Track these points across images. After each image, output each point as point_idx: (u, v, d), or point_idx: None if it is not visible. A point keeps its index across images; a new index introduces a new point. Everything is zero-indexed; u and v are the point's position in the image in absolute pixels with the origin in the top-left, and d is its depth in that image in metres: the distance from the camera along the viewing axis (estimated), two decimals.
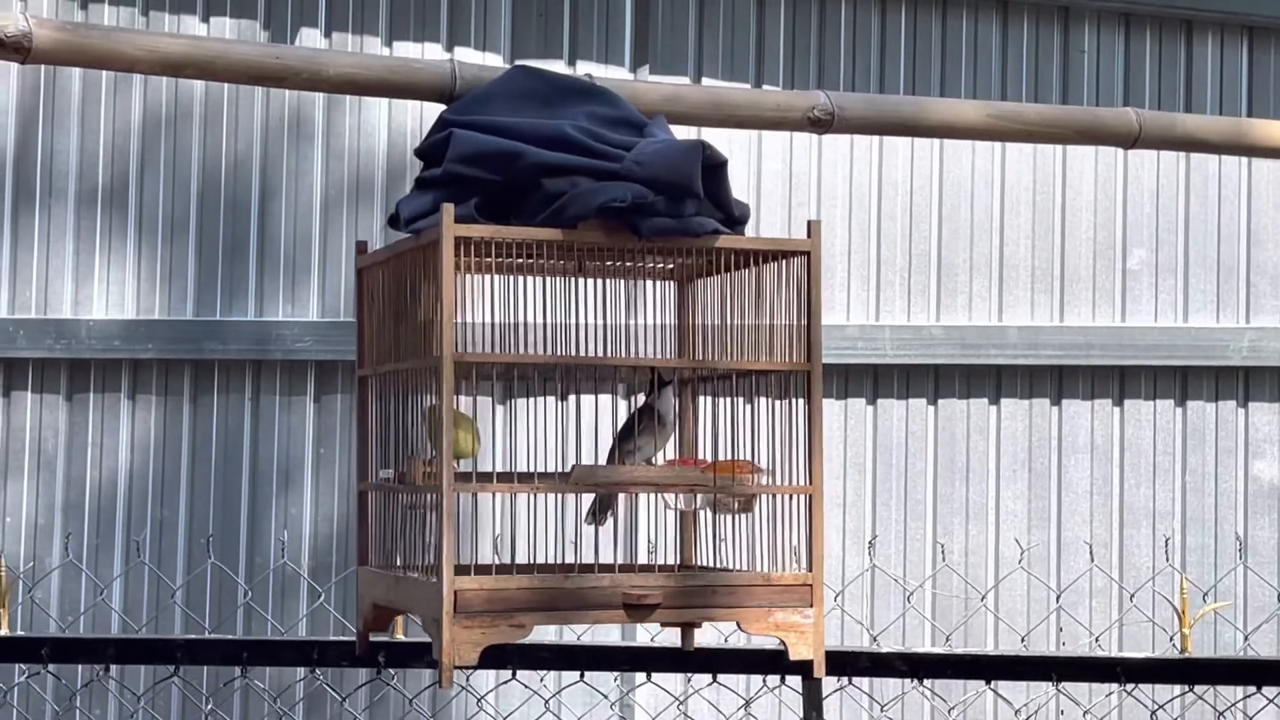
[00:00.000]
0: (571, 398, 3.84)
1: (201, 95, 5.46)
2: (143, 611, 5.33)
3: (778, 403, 3.25)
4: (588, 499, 3.08)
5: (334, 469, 5.38)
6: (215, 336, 5.43)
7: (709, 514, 3.14)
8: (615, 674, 4.41)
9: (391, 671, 3.91)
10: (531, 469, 3.02)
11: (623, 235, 3.01)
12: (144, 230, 5.48)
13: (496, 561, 3.13)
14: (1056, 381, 5.49)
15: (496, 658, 3.79)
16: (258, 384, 5.48)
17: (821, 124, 3.20)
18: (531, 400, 3.26)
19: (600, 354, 3.08)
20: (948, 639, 5.09)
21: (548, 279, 3.18)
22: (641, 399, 3.23)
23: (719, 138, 5.18)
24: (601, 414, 4.47)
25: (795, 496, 3.04)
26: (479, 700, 4.11)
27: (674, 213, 3.04)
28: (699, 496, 3.08)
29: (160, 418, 5.45)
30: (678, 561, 3.27)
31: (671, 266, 3.28)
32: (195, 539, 5.39)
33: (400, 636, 3.86)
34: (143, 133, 5.48)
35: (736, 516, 3.07)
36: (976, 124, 3.33)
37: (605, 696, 4.26)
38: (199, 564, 5.35)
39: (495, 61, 5.47)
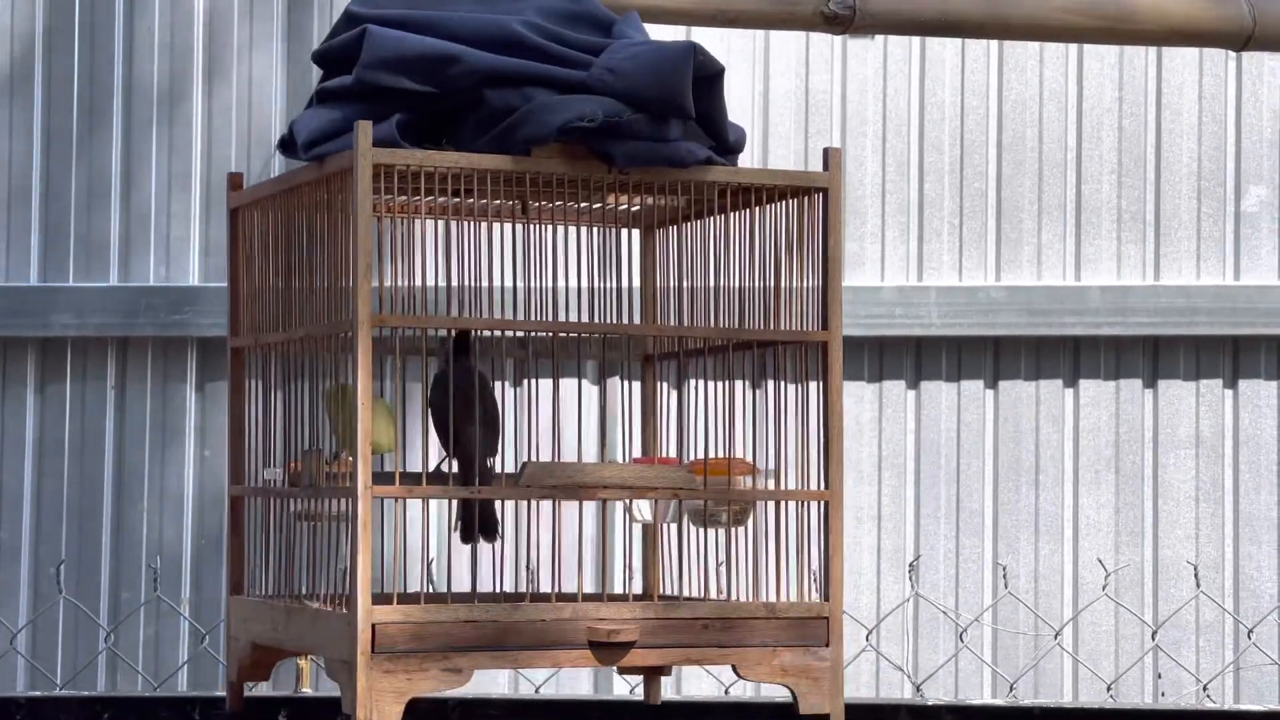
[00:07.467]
0: (527, 380, 3.82)
1: (45, 7, 5.43)
2: None
3: (786, 385, 3.23)
4: (530, 506, 3.05)
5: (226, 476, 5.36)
6: (68, 307, 5.40)
7: (689, 526, 3.12)
8: None
9: None
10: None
11: (590, 164, 3.00)
12: None
13: (427, 589, 3.11)
14: (1151, 356, 5.48)
15: (431, 714, 3.79)
16: (124, 367, 5.45)
17: (839, 21, 3.18)
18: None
19: (560, 319, 3.06)
20: (1011, 688, 5.06)
21: (491, 222, 3.16)
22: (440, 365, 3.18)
23: (712, 42, 5.17)
24: (564, 397, 4.45)
25: (807, 504, 3.02)
26: None
27: (656, 136, 3.03)
28: (677, 503, 3.06)
29: None
30: (657, 590, 3.25)
31: (637, 209, 3.26)
32: (43, 568, 5.37)
33: (306, 690, 3.85)
34: None
35: (729, 530, 3.06)
36: (1046, 22, 3.32)
37: None
38: (48, 600, 5.33)
39: None
